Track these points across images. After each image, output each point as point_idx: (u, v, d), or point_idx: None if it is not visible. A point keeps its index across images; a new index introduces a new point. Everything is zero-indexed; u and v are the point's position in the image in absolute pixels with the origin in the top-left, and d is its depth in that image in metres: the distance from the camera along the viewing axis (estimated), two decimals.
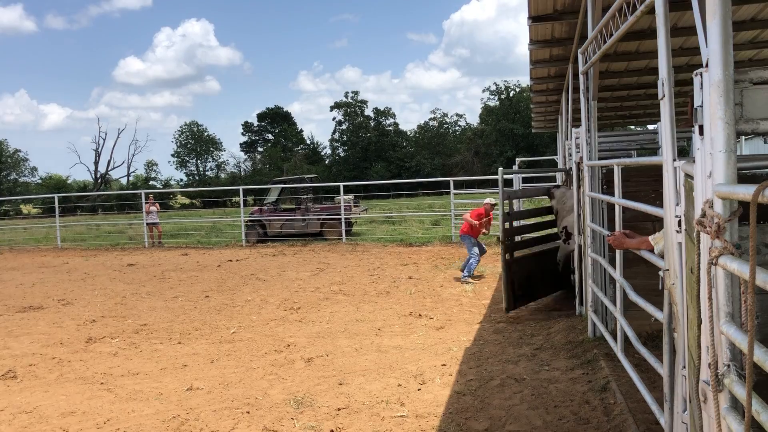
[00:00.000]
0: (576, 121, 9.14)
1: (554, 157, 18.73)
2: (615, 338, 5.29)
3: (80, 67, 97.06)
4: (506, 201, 8.37)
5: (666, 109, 3.28)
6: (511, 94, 65.23)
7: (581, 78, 6.61)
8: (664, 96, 3.26)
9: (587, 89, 6.57)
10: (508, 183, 17.02)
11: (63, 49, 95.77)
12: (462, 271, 11.22)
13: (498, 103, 65.94)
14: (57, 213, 22.16)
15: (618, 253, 4.98)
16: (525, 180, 17.63)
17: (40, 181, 66.59)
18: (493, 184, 21.51)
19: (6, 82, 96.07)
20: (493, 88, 67.85)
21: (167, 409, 5.36)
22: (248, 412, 5.19)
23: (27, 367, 6.86)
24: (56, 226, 21.69)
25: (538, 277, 8.70)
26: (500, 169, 8.46)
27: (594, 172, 6.56)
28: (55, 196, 22.77)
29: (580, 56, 6.51)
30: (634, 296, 4.33)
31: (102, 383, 6.22)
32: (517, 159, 19.30)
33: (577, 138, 8.11)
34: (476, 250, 11.05)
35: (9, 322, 9.30)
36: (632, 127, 21.89)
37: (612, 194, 5.14)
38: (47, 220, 28.40)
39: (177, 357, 7.08)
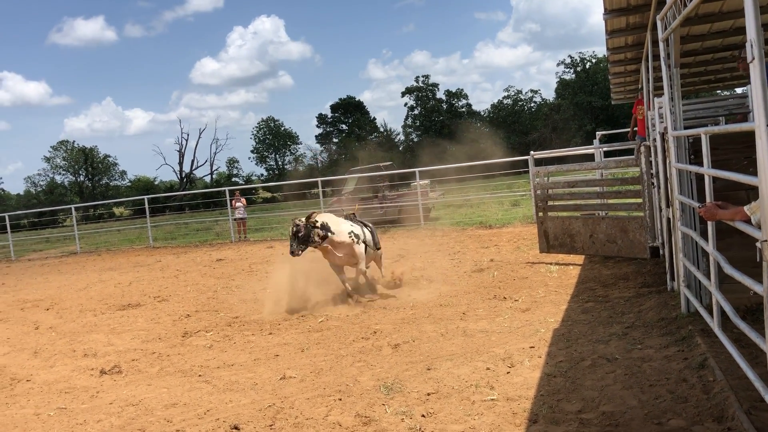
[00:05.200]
0: (658, 90, 8.79)
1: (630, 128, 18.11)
2: (711, 313, 5.10)
3: (159, 71, 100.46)
4: None
5: (756, 71, 3.11)
6: (587, 66, 63.32)
7: (661, 45, 6.35)
8: (753, 58, 3.10)
9: (668, 56, 6.30)
10: (591, 157, 16.58)
11: (142, 55, 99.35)
12: None
13: (574, 76, 64.14)
14: (147, 213, 23.17)
15: (710, 225, 4.79)
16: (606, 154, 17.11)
17: (129, 184, 69.81)
18: (573, 159, 20.98)
19: (94, 91, 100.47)
20: (568, 61, 65.80)
21: (263, 399, 5.55)
22: (340, 399, 5.30)
23: (130, 362, 7.24)
24: (147, 226, 22.69)
25: None
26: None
27: (680, 143, 6.31)
28: (145, 197, 23.84)
29: (659, 23, 6.25)
30: (729, 269, 4.16)
31: (200, 375, 6.49)
32: (597, 132, 18.72)
33: (660, 108, 7.82)
34: None
35: (111, 319, 9.83)
36: (719, 91, 20.85)
37: (700, 164, 4.94)
38: (138, 220, 29.77)
39: (269, 347, 7.31)
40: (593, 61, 62.71)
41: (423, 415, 4.76)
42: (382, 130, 71.43)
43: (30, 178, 70.46)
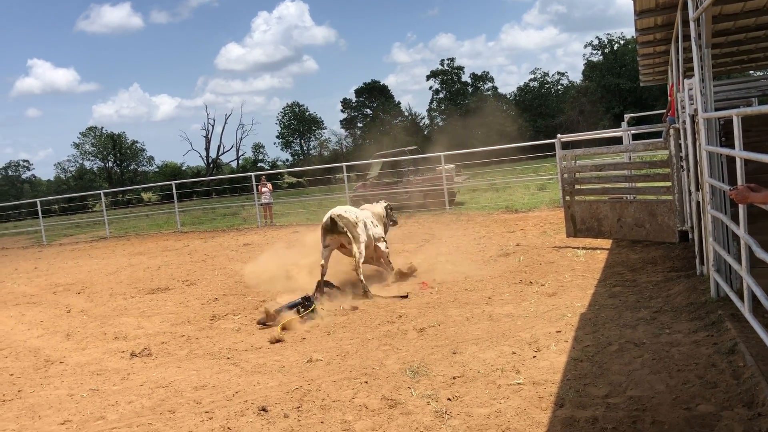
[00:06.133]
0: (688, 71, 8.63)
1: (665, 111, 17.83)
2: (741, 298, 5.03)
3: (185, 57, 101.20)
4: None
5: None
6: (615, 48, 62.42)
7: (692, 25, 6.23)
8: None
9: (699, 36, 6.18)
10: (619, 140, 16.40)
11: (168, 41, 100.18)
12: None
13: (601, 57, 63.29)
14: (175, 199, 23.43)
15: (741, 209, 4.72)
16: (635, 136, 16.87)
17: (157, 170, 70.61)
18: (601, 142, 20.73)
19: (121, 78, 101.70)
20: (596, 42, 64.97)
21: (290, 381, 5.61)
22: (366, 382, 5.35)
23: (160, 345, 7.37)
24: (175, 211, 22.96)
25: None
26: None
27: (710, 125, 6.20)
28: (172, 183, 24.05)
29: (689, 2, 6.12)
30: (761, 253, 4.09)
31: (228, 358, 6.58)
32: (625, 115, 18.44)
33: (690, 89, 7.68)
34: None
35: (141, 303, 9.99)
36: (751, 72, 20.37)
37: (732, 147, 4.85)
38: (166, 205, 30.01)
39: (296, 330, 7.37)
40: (621, 42, 61.83)
41: (449, 399, 4.78)
42: (406, 114, 71.20)
43: (60, 164, 71.78)
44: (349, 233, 8.89)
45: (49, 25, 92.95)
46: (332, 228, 8.95)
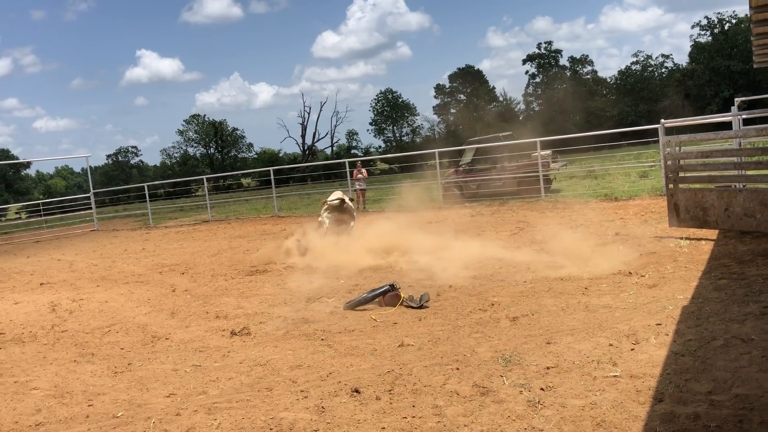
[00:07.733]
0: None
1: None
2: None
3: (282, 46, 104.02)
4: None
5: None
6: (725, 27, 58.93)
7: None
8: None
9: None
10: (727, 126, 15.51)
11: (267, 30, 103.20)
12: None
13: (710, 38, 59.93)
14: (273, 184, 24.14)
15: None
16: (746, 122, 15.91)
17: (255, 156, 73.02)
18: (708, 128, 19.67)
19: (222, 67, 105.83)
20: (704, 22, 61.59)
21: (382, 364, 5.68)
22: (458, 369, 5.34)
23: (258, 324, 7.63)
24: (273, 197, 23.65)
25: None
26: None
27: None
28: (270, 169, 24.80)
29: None
30: None
31: (322, 339, 6.74)
32: (736, 99, 17.40)
33: None
34: None
35: (240, 284, 10.37)
36: None
37: None
38: (264, 191, 30.95)
39: (387, 315, 7.46)
40: (733, 21, 58.27)
41: (542, 389, 4.72)
42: (501, 99, 70.14)
43: (165, 151, 75.64)
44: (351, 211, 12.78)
45: (156, 17, 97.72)
46: (340, 208, 12.83)
